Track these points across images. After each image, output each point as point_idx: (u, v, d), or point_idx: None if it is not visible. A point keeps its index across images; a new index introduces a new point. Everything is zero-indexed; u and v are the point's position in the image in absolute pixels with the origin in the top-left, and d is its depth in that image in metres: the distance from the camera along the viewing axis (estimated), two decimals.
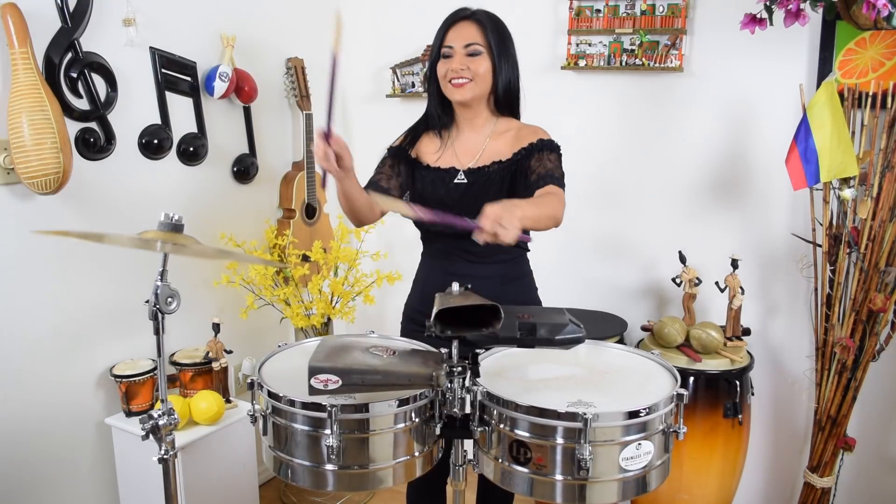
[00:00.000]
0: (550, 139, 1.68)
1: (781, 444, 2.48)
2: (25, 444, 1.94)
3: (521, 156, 1.66)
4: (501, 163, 1.67)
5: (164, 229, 1.32)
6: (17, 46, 1.74)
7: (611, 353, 1.51)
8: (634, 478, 1.21)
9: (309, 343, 1.52)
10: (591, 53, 2.51)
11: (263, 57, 2.59)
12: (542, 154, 1.64)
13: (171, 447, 1.40)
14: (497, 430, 1.25)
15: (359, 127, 3.07)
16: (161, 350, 1.35)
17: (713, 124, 2.41)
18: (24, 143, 1.73)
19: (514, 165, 1.66)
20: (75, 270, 2.02)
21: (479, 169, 1.68)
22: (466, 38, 1.62)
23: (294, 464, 1.26)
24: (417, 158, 1.75)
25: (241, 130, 2.54)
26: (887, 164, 1.94)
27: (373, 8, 2.92)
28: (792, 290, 2.38)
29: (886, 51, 2.08)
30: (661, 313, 2.57)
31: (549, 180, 1.58)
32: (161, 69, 2.19)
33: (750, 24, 1.91)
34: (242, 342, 2.53)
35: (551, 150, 1.66)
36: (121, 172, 2.12)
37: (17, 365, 1.91)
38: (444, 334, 1.22)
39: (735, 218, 2.43)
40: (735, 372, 2.13)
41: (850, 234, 2.00)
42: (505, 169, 1.66)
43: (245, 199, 2.59)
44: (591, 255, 2.67)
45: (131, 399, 2.08)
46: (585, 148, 2.60)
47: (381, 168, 1.75)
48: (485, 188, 1.65)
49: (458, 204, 1.65)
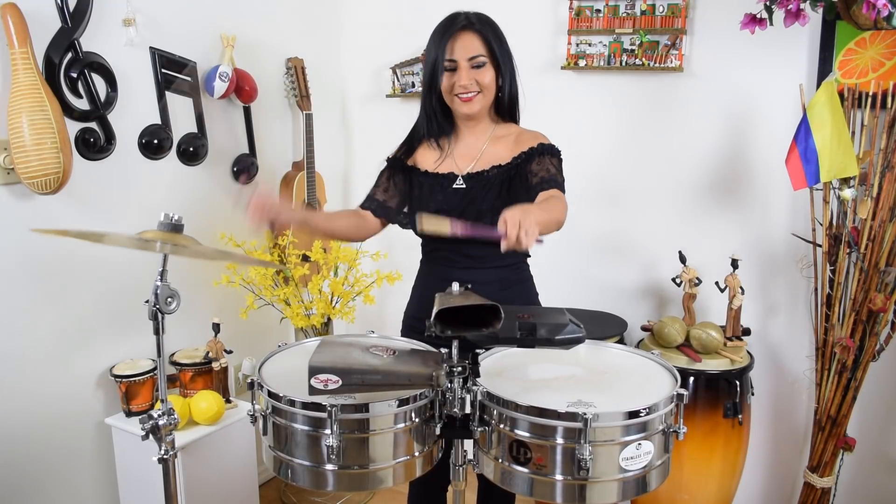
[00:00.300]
0: (551, 143, 1.68)
1: (781, 444, 2.48)
2: (25, 444, 1.94)
3: (521, 160, 1.64)
4: (501, 167, 1.66)
5: (164, 229, 1.32)
6: (17, 46, 1.74)
7: (611, 353, 1.51)
8: (634, 478, 1.21)
9: (309, 343, 1.52)
10: (591, 53, 2.51)
11: (263, 57, 2.59)
12: (542, 158, 1.63)
13: (171, 447, 1.40)
14: (497, 430, 1.25)
15: (359, 127, 3.07)
16: (161, 350, 1.35)
17: (713, 124, 2.41)
18: (24, 143, 1.73)
19: (513, 170, 1.65)
20: (75, 270, 2.02)
21: (477, 173, 1.67)
22: (470, 51, 1.59)
23: (294, 464, 1.26)
24: (415, 166, 1.74)
25: (241, 130, 2.54)
26: (887, 164, 1.94)
27: (373, 8, 2.92)
28: (792, 290, 2.38)
29: (886, 51, 2.08)
30: (661, 313, 2.57)
31: (552, 184, 1.57)
32: (161, 69, 2.19)
33: (750, 24, 1.91)
34: (242, 342, 2.53)
35: (552, 154, 1.65)
36: (121, 172, 2.12)
37: (18, 365, 1.91)
38: (444, 334, 1.22)
39: (735, 218, 2.43)
40: (735, 372, 2.13)
41: (850, 234, 2.00)
42: (504, 173, 1.65)
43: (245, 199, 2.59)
44: (592, 255, 2.67)
45: (131, 399, 2.07)
46: (585, 148, 2.60)
47: (379, 180, 1.76)
48: (483, 193, 1.65)
49: (456, 209, 1.65)
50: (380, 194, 1.74)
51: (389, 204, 1.73)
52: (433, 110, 1.69)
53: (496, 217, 1.61)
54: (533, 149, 1.64)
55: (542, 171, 1.60)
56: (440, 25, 1.63)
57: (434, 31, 1.64)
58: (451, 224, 1.26)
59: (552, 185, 1.57)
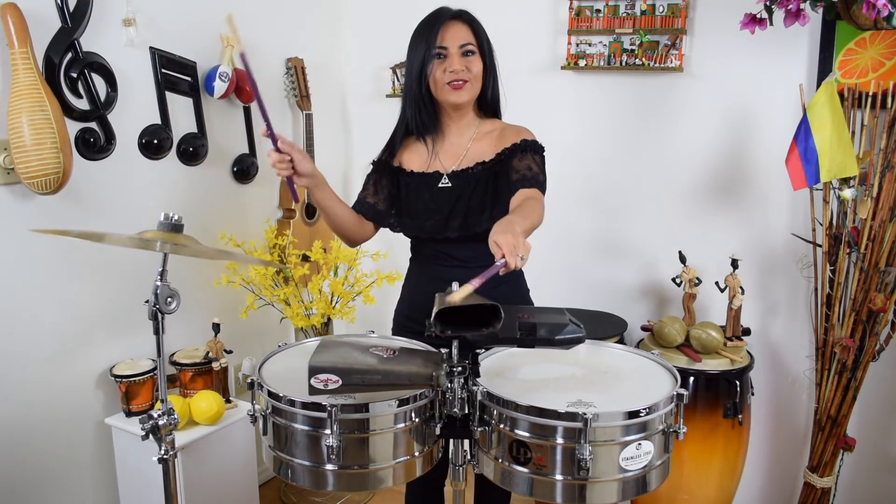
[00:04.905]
0: (534, 140, 1.67)
1: (781, 444, 2.48)
2: (25, 444, 1.94)
3: (504, 156, 1.64)
4: (485, 163, 1.66)
5: (164, 229, 1.32)
6: (17, 46, 1.74)
7: (611, 353, 1.51)
8: (634, 478, 1.21)
9: (309, 343, 1.52)
10: (591, 53, 2.51)
11: (263, 57, 2.59)
12: (524, 155, 1.62)
13: (171, 447, 1.40)
14: (497, 430, 1.25)
15: (359, 127, 3.07)
16: (161, 350, 1.35)
17: (713, 124, 2.41)
18: (24, 143, 1.73)
19: (497, 166, 1.65)
20: (75, 270, 2.02)
21: (462, 171, 1.67)
22: (461, 39, 1.60)
23: (294, 464, 1.26)
24: (401, 166, 1.73)
25: (241, 130, 2.54)
26: (887, 164, 1.94)
27: (373, 8, 2.92)
28: (792, 290, 2.38)
29: (886, 51, 2.08)
30: (661, 313, 2.57)
31: (531, 183, 1.57)
32: (161, 69, 2.19)
33: (750, 24, 1.91)
34: (242, 342, 2.53)
35: (535, 151, 1.64)
36: (121, 172, 2.12)
37: (18, 365, 1.91)
38: (444, 334, 1.22)
39: (735, 218, 2.43)
40: (735, 372, 2.13)
41: (850, 234, 2.00)
42: (489, 170, 1.65)
43: (245, 199, 2.59)
44: (592, 254, 2.67)
45: (131, 399, 2.07)
46: (585, 148, 2.60)
47: (367, 185, 1.75)
48: (469, 190, 1.65)
49: (444, 207, 1.65)
50: (370, 197, 1.73)
51: (380, 207, 1.73)
52: (422, 102, 1.66)
53: (483, 213, 1.62)
54: (516, 145, 1.64)
55: (524, 168, 1.60)
56: (427, 18, 1.64)
57: (420, 24, 1.65)
58: (471, 285, 1.25)
59: (532, 184, 1.57)
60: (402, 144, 1.74)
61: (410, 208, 1.69)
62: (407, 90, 1.69)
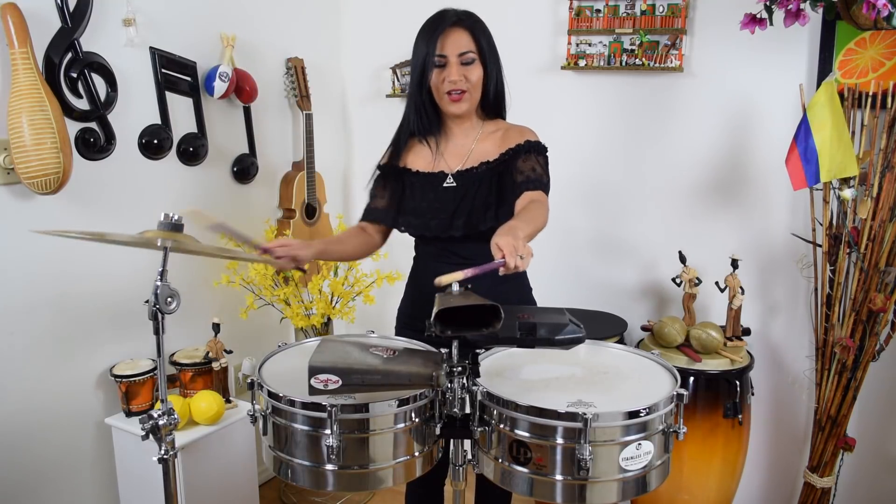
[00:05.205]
0: (538, 141, 1.68)
1: (781, 444, 2.48)
2: (25, 444, 1.94)
3: (508, 156, 1.65)
4: (489, 163, 1.67)
5: (164, 229, 1.32)
6: (17, 46, 1.74)
7: (611, 353, 1.51)
8: (634, 478, 1.21)
9: (309, 343, 1.52)
10: (591, 53, 2.51)
11: (263, 57, 2.59)
12: (528, 156, 1.63)
13: (171, 447, 1.40)
14: (497, 430, 1.25)
15: (359, 127, 3.07)
16: (161, 350, 1.35)
17: (713, 124, 2.41)
18: (24, 143, 1.73)
19: (501, 166, 1.65)
20: (75, 270, 2.02)
21: (467, 171, 1.68)
22: (460, 47, 1.60)
23: (294, 464, 1.26)
24: (405, 167, 1.74)
25: (241, 130, 2.54)
26: (887, 164, 1.94)
27: (373, 8, 2.92)
28: (792, 290, 2.38)
29: (886, 51, 2.08)
30: (661, 313, 2.57)
31: (537, 185, 1.58)
32: (161, 69, 2.19)
33: (750, 24, 1.91)
34: (242, 342, 2.53)
35: (538, 152, 1.65)
36: (121, 172, 2.12)
37: (18, 365, 1.91)
38: (444, 334, 1.22)
39: (735, 218, 2.43)
40: (735, 372, 2.13)
41: (850, 234, 2.00)
42: (493, 170, 1.66)
43: (245, 199, 2.59)
44: (591, 254, 2.67)
45: (131, 399, 2.08)
46: (585, 148, 2.60)
47: (374, 190, 1.77)
48: (474, 190, 1.65)
49: (448, 207, 1.66)
50: (380, 203, 1.75)
51: (390, 211, 1.74)
52: (423, 107, 1.68)
53: (487, 212, 1.62)
54: (520, 146, 1.65)
55: (528, 169, 1.61)
56: (429, 22, 1.63)
57: (422, 27, 1.64)
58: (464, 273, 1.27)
59: (537, 187, 1.58)
60: (406, 145, 1.75)
61: (415, 207, 1.70)
62: (410, 94, 1.71)
